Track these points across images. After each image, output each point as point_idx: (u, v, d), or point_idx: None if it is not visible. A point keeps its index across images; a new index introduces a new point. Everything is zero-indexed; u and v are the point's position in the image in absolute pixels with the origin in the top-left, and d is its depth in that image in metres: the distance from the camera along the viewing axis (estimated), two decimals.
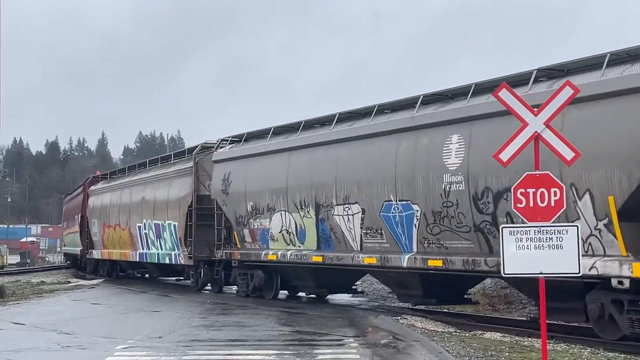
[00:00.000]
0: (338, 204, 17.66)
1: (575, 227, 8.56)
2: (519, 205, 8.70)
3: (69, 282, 33.49)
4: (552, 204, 8.60)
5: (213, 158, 23.63)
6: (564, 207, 8.71)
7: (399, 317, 16.31)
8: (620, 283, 11.70)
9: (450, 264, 14.53)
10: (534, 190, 8.64)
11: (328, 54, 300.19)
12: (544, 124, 8.71)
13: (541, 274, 8.59)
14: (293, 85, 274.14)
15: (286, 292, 22.59)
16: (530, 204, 8.63)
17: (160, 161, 30.07)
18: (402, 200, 15.69)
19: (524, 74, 13.80)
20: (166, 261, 27.15)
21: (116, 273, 35.69)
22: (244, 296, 22.15)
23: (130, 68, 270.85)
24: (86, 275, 38.33)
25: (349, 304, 20.82)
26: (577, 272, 8.48)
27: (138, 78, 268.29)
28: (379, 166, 16.39)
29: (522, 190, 8.68)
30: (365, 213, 16.82)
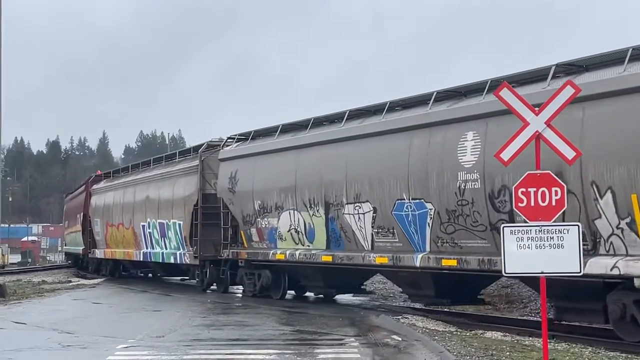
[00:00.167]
0: (348, 203, 17.34)
1: (576, 227, 8.54)
2: (519, 204, 8.70)
3: (70, 282, 33.55)
4: (553, 204, 8.60)
5: (219, 156, 23.30)
6: (565, 207, 8.67)
7: (400, 317, 16.30)
8: None
9: (465, 263, 14.19)
10: (534, 189, 8.64)
11: (328, 54, 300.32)
12: (545, 123, 8.72)
13: (542, 273, 8.61)
14: (293, 85, 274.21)
15: (293, 292, 22.25)
16: (532, 203, 8.64)
17: (165, 160, 29.78)
18: (415, 198, 15.37)
19: (542, 70, 13.51)
20: (171, 260, 26.84)
21: (119, 272, 35.41)
22: (251, 296, 21.85)
23: (131, 67, 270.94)
24: (87, 275, 38.31)
25: (350, 303, 20.77)
26: (578, 272, 8.47)
27: (139, 77, 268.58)
28: (391, 164, 16.05)
29: (523, 189, 8.69)
30: (376, 212, 16.49)
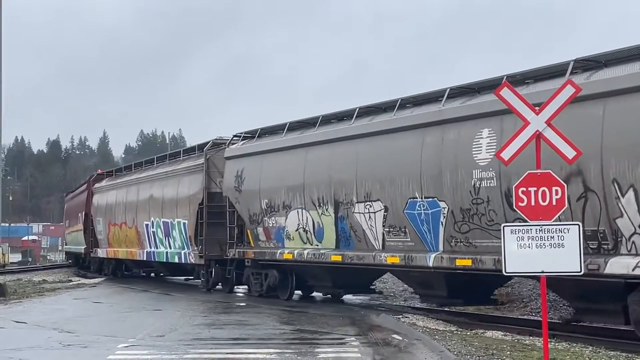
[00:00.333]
0: (359, 202, 17.03)
1: (576, 226, 8.54)
2: (520, 204, 8.70)
3: (71, 281, 33.50)
4: (554, 203, 8.61)
5: (225, 154, 22.96)
6: (565, 206, 8.66)
7: (400, 316, 16.31)
8: None
9: (480, 263, 13.85)
10: (535, 188, 8.65)
11: (328, 54, 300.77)
12: (546, 122, 8.72)
13: (542, 272, 8.61)
14: (294, 84, 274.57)
15: (300, 292, 21.89)
16: (532, 203, 8.64)
17: (169, 158, 29.30)
18: (428, 197, 15.06)
19: (560, 65, 13.20)
20: (175, 260, 26.45)
21: (121, 272, 35.00)
22: (257, 296, 21.59)
23: (132, 67, 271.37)
24: (88, 274, 38.23)
25: (350, 302, 20.68)
26: (579, 271, 8.48)
27: (139, 77, 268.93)
28: (402, 162, 15.76)
29: (524, 189, 8.69)
30: (388, 210, 16.19)
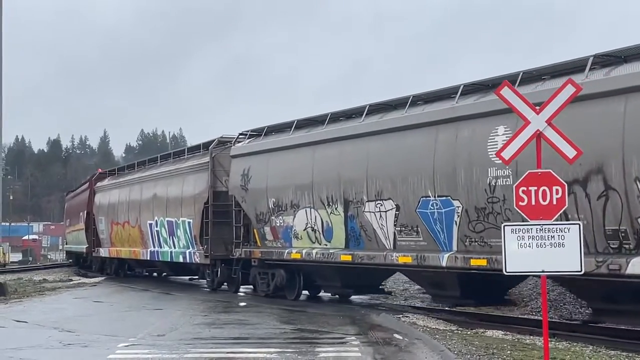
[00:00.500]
0: (369, 200, 16.74)
1: (577, 225, 8.52)
2: (520, 203, 8.69)
3: (71, 280, 33.51)
4: (554, 202, 8.59)
5: (231, 153, 22.71)
6: (566, 205, 8.66)
7: (401, 315, 16.30)
8: None
9: (496, 263, 13.40)
10: (535, 188, 8.63)
11: (329, 54, 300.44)
12: (546, 122, 8.71)
13: (543, 272, 8.60)
14: (294, 84, 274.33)
15: (307, 293, 21.61)
16: (532, 202, 8.63)
17: (173, 157, 29.11)
18: (442, 196, 14.77)
19: (579, 60, 12.96)
20: (180, 260, 26.16)
21: (124, 272, 34.75)
22: (264, 296, 21.36)
23: (132, 66, 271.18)
24: (88, 273, 38.21)
25: (350, 302, 20.78)
26: (579, 271, 8.47)
27: (140, 76, 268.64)
28: (415, 160, 15.48)
29: (524, 188, 8.68)
30: (399, 209, 15.92)
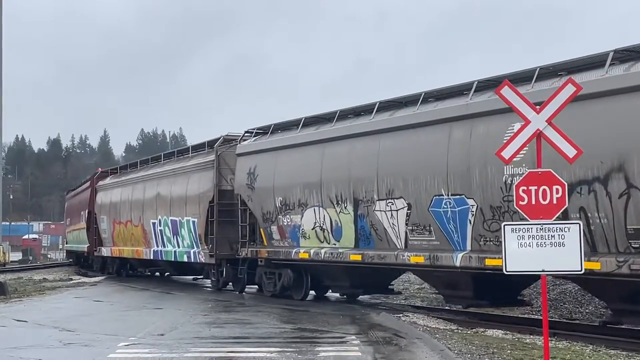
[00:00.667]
0: (380, 199, 16.43)
1: (577, 225, 8.52)
2: (520, 202, 8.67)
3: (71, 279, 33.47)
4: (554, 202, 8.58)
5: (237, 151, 22.28)
6: (566, 205, 8.65)
7: (401, 315, 16.34)
8: None
9: None
10: (535, 187, 8.63)
11: (333, 52, 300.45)
12: (546, 121, 8.71)
13: (543, 271, 8.60)
14: (297, 82, 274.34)
15: (313, 293, 21.27)
16: (532, 202, 8.63)
17: (177, 155, 28.69)
18: (455, 194, 14.45)
19: (598, 56, 12.71)
20: (184, 259, 25.75)
21: (126, 271, 34.34)
22: (270, 296, 21.12)
23: (133, 65, 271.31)
24: (88, 273, 38.13)
25: (350, 301, 20.76)
26: (579, 270, 8.47)
27: (140, 75, 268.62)
28: (427, 158, 15.18)
29: (524, 187, 8.68)
30: (411, 208, 15.61)
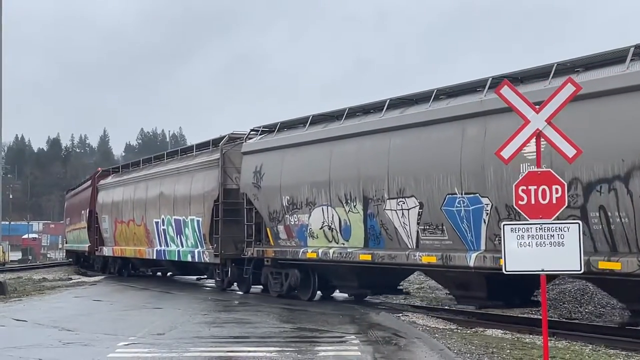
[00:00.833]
0: (391, 198, 16.15)
1: (577, 224, 8.52)
2: (520, 202, 8.67)
3: (71, 279, 33.49)
4: (554, 201, 8.58)
5: (242, 149, 22.02)
6: (566, 204, 8.65)
7: (400, 314, 16.35)
8: None
9: None
10: (535, 187, 8.62)
11: (333, 51, 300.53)
12: (546, 121, 8.71)
13: (543, 271, 8.60)
14: (297, 82, 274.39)
15: (319, 293, 20.92)
16: (532, 201, 8.62)
17: (180, 153, 28.39)
18: (469, 193, 14.19)
19: (618, 51, 12.45)
20: (188, 259, 25.40)
21: (127, 271, 34.06)
22: (276, 296, 20.89)
23: (132, 65, 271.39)
24: (88, 272, 38.13)
25: (350, 300, 20.77)
26: (579, 270, 8.48)
27: (140, 75, 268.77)
28: (440, 156, 14.89)
29: (524, 187, 8.68)
30: (423, 207, 15.34)
